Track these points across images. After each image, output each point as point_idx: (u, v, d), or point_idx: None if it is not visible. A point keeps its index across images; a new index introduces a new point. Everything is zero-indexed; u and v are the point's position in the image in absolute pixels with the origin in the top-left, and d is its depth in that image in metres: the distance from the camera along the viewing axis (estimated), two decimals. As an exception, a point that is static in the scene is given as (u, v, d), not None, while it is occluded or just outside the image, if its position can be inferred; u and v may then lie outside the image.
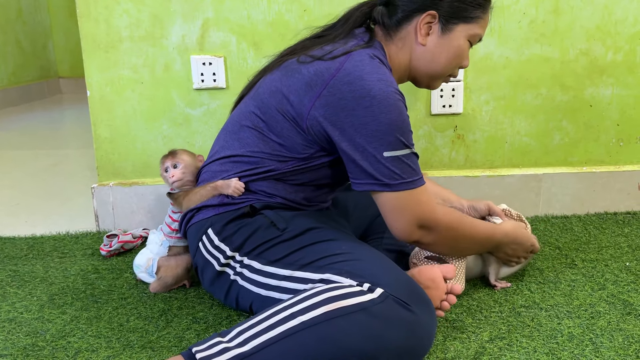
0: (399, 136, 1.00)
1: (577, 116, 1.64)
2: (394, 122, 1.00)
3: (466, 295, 1.23)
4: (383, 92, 0.99)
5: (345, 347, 0.86)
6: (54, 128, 3.33)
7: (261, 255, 1.05)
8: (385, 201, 1.03)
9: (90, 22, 1.52)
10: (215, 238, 1.10)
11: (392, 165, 1.01)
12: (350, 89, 1.00)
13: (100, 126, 1.59)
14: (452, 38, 1.09)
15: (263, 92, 1.11)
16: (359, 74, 1.00)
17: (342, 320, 0.86)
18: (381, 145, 1.00)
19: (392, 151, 1.00)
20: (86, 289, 1.28)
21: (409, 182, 1.02)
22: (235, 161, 1.12)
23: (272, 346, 0.86)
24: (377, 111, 0.99)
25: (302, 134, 1.07)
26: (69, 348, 1.05)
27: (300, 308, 0.88)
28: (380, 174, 1.01)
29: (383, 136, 1.00)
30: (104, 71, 1.55)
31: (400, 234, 1.06)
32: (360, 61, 1.02)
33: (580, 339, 1.05)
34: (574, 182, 1.67)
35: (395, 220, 1.05)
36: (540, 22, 1.57)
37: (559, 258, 1.41)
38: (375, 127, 0.99)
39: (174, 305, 1.20)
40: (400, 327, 0.89)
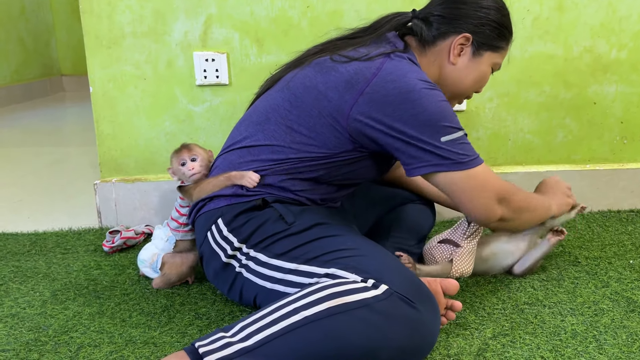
0: (448, 123, 1.04)
1: (580, 114, 1.64)
2: (444, 109, 1.04)
3: (469, 292, 1.22)
4: (427, 87, 1.04)
5: (348, 342, 0.85)
6: (57, 125, 3.33)
7: (267, 248, 1.05)
8: (459, 182, 1.06)
9: (93, 18, 1.52)
10: (224, 228, 1.09)
11: (453, 148, 1.04)
12: (395, 86, 1.03)
13: (103, 122, 1.59)
14: (480, 62, 1.16)
15: (295, 86, 1.11)
16: (401, 73, 1.05)
17: (345, 316, 0.86)
18: (437, 133, 1.03)
19: (448, 135, 1.04)
20: (89, 284, 1.28)
21: (475, 159, 1.06)
22: (257, 152, 1.11)
23: (275, 341, 0.85)
24: (426, 102, 1.03)
25: (338, 130, 1.07)
26: (71, 343, 1.05)
27: (304, 303, 0.88)
28: (447, 156, 1.04)
29: (436, 123, 1.03)
30: (107, 67, 1.55)
31: (482, 214, 1.09)
32: (400, 62, 1.07)
33: (583, 335, 1.05)
34: (578, 179, 1.66)
35: (474, 199, 1.08)
36: (544, 19, 1.56)
37: (563, 256, 1.40)
38: (427, 116, 1.03)
39: (177, 301, 1.20)
40: (403, 324, 0.88)
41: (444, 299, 1.05)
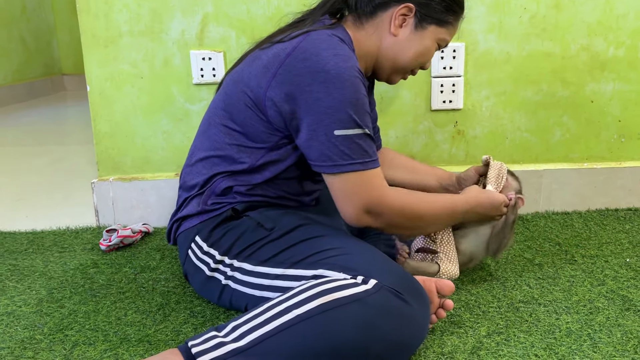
0: (351, 114, 0.99)
1: (578, 112, 1.64)
2: (347, 98, 0.98)
3: (464, 290, 1.22)
4: (339, 67, 0.98)
5: (341, 338, 0.85)
6: (58, 124, 3.34)
7: (251, 256, 1.05)
8: (334, 183, 1.02)
9: (90, 17, 1.52)
10: (203, 244, 1.10)
11: (342, 145, 0.99)
12: (305, 65, 0.99)
13: (100, 121, 1.59)
14: (423, 36, 1.11)
15: (228, 84, 1.12)
16: (315, 50, 0.99)
17: (337, 311, 0.86)
18: (333, 123, 0.98)
19: (344, 130, 0.99)
20: (85, 283, 1.29)
21: (358, 163, 1.00)
22: (209, 162, 1.12)
23: (268, 340, 0.85)
24: (332, 87, 0.97)
25: (263, 120, 1.06)
26: (66, 341, 1.05)
27: (296, 301, 0.88)
28: (331, 154, 1.00)
29: (335, 113, 0.98)
30: (104, 66, 1.55)
31: (349, 219, 1.04)
32: (317, 39, 1.01)
33: (578, 334, 1.05)
34: (575, 178, 1.66)
35: (343, 204, 1.03)
36: (541, 17, 1.56)
37: (559, 254, 1.40)
38: (328, 103, 0.98)
39: (172, 300, 1.20)
40: (394, 317, 0.89)
41: (437, 298, 1.05)
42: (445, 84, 1.59)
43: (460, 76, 1.59)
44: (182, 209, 1.15)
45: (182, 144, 1.60)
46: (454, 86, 1.59)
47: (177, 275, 1.32)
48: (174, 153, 1.61)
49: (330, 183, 1.03)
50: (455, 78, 1.59)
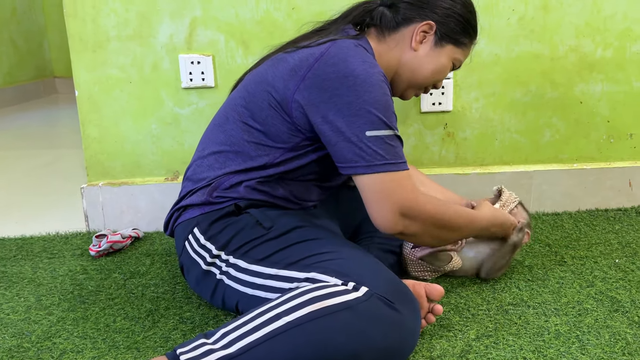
0: (381, 116, 1.00)
1: (567, 113, 1.64)
2: (377, 101, 1.00)
3: (454, 293, 1.23)
4: (367, 72, 1.01)
5: (331, 346, 0.85)
6: (49, 127, 3.32)
7: (247, 254, 1.04)
8: (367, 185, 1.02)
9: (78, 21, 1.51)
10: (201, 237, 1.10)
11: (374, 145, 1.00)
12: (334, 70, 1.01)
13: (89, 126, 1.58)
14: (441, 54, 1.15)
15: (249, 83, 1.13)
16: (343, 57, 1.02)
17: (327, 319, 0.86)
18: (364, 124, 1.00)
19: (375, 130, 1.00)
20: (74, 289, 1.28)
21: (392, 164, 1.01)
22: (223, 157, 1.12)
23: (257, 347, 0.85)
24: (361, 90, 1.00)
25: (287, 121, 1.07)
26: (54, 349, 1.05)
27: (286, 308, 0.88)
28: (364, 154, 1.00)
29: (365, 114, 1.00)
30: (92, 71, 1.54)
31: (383, 223, 1.03)
32: (345, 47, 1.04)
33: (567, 336, 1.05)
34: (565, 179, 1.67)
35: (377, 207, 1.02)
36: (529, 19, 1.56)
37: (549, 255, 1.41)
38: (358, 105, 1.00)
39: (161, 306, 1.20)
40: (384, 325, 0.89)
41: (426, 303, 1.05)
42: (435, 86, 1.59)
43: (449, 78, 1.59)
44: (185, 198, 1.15)
45: (172, 148, 1.60)
46: (443, 88, 1.59)
47: (167, 281, 1.32)
48: (163, 157, 1.61)
49: (363, 185, 1.03)
50: (445, 80, 1.59)
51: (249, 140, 1.10)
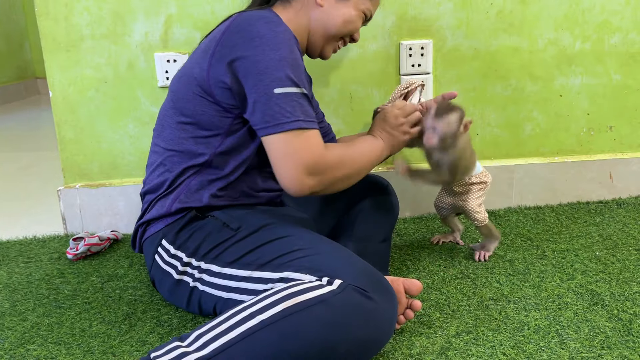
0: (289, 73, 1.00)
1: (547, 106, 1.64)
2: (284, 58, 1.00)
3: (435, 289, 1.22)
4: (272, 30, 1.02)
5: (307, 340, 0.84)
6: (31, 129, 3.27)
7: (218, 257, 1.03)
8: (275, 144, 1.01)
9: (50, 20, 1.48)
10: (170, 247, 1.08)
11: (283, 103, 1.00)
12: (240, 36, 1.02)
13: (65, 127, 1.56)
14: (347, 4, 1.17)
15: (172, 84, 1.15)
16: (247, 22, 1.04)
17: (301, 314, 0.85)
18: (272, 82, 1.00)
19: (283, 88, 1.00)
20: (50, 294, 1.26)
21: (301, 120, 1.00)
22: (169, 161, 1.12)
23: (232, 347, 0.84)
24: (267, 49, 1.00)
25: (212, 102, 1.07)
26: (27, 356, 1.02)
27: (259, 307, 0.87)
28: (273, 112, 1.00)
29: (273, 72, 1.00)
30: (66, 71, 1.51)
31: (289, 183, 1.01)
32: (248, 15, 1.06)
33: (546, 331, 1.05)
34: (546, 172, 1.66)
35: (285, 166, 1.01)
36: (508, 12, 1.56)
37: (530, 249, 1.40)
38: (266, 64, 1.00)
39: (139, 309, 1.18)
40: (359, 315, 0.88)
41: (405, 299, 1.04)
42: (415, 82, 1.57)
43: (429, 73, 1.58)
44: (147, 212, 1.13)
45: (149, 148, 1.57)
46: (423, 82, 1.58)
47: (145, 283, 1.30)
48: (141, 157, 1.58)
49: (271, 146, 1.02)
50: (424, 75, 1.58)
51: (187, 137, 1.10)
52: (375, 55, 1.56)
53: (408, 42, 1.55)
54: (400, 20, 1.54)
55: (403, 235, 1.54)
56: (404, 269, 1.33)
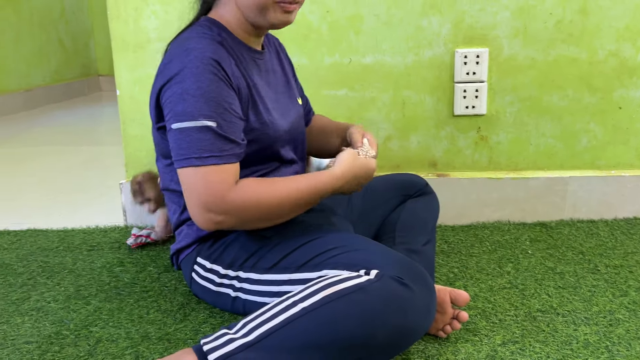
0: (187, 106, 0.98)
1: (605, 118, 1.61)
2: (185, 90, 0.98)
3: (482, 297, 1.22)
4: (182, 63, 1.00)
5: (345, 327, 0.87)
6: (93, 125, 3.44)
7: (256, 265, 1.07)
8: (181, 179, 1.01)
9: (120, 23, 1.57)
10: (206, 263, 1.13)
11: (178, 139, 0.99)
12: (159, 72, 1.06)
13: (129, 124, 1.64)
14: None
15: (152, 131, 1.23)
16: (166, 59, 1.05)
17: (340, 302, 0.88)
18: (172, 117, 1.00)
19: (179, 123, 0.99)
20: (110, 281, 1.33)
21: (195, 158, 0.98)
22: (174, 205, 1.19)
23: (275, 333, 0.88)
24: (173, 83, 1.00)
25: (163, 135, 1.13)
26: (90, 337, 1.09)
27: (302, 296, 0.91)
28: (174, 148, 1.00)
29: (172, 107, 1.00)
30: (133, 70, 1.60)
31: (195, 219, 1.00)
32: (171, 47, 1.08)
33: (596, 346, 1.03)
34: (602, 185, 1.63)
35: (188, 202, 1.01)
36: (567, 22, 1.54)
37: (582, 263, 1.38)
38: (168, 98, 1.01)
39: (193, 300, 1.23)
40: (397, 302, 0.90)
41: (451, 309, 1.05)
42: (468, 90, 1.58)
43: (483, 82, 1.58)
44: (178, 240, 1.19)
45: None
46: (477, 92, 1.58)
47: (199, 276, 1.36)
48: (199, 156, 1.65)
49: (179, 179, 1.03)
50: (479, 83, 1.58)
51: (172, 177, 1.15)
52: (430, 62, 1.57)
53: (463, 50, 1.56)
54: (456, 28, 1.55)
55: (451, 243, 1.54)
56: (451, 276, 1.34)
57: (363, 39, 1.56)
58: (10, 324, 1.15)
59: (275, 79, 1.20)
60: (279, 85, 1.21)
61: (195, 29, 1.08)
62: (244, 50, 1.11)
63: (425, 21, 1.55)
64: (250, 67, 1.11)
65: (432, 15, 1.55)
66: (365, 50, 1.57)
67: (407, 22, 1.55)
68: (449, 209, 1.62)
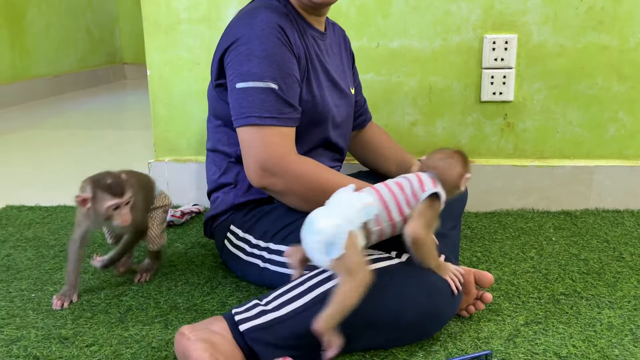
0: (252, 67, 1.01)
1: (635, 108, 1.59)
2: (251, 52, 1.02)
3: (505, 280, 1.23)
4: (251, 28, 1.03)
5: (374, 306, 0.89)
6: (118, 110, 3.49)
7: (287, 238, 1.09)
8: (239, 136, 1.04)
9: (152, 4, 1.60)
10: (239, 231, 1.16)
11: (241, 98, 1.02)
12: (225, 34, 1.10)
13: (159, 105, 1.67)
14: None
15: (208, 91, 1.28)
16: (232, 23, 1.10)
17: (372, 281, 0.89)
18: (236, 77, 1.03)
19: (243, 82, 1.02)
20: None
21: (255, 117, 1.01)
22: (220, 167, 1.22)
23: (305, 312, 0.89)
24: (240, 45, 1.03)
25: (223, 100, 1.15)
26: (121, 305, 1.13)
27: (331, 274, 0.92)
28: (235, 107, 1.03)
29: (239, 67, 1.02)
30: (164, 52, 1.63)
31: (249, 175, 1.04)
32: (239, 13, 1.11)
33: (619, 328, 1.04)
34: (629, 175, 1.62)
35: (245, 159, 1.04)
36: (599, 9, 1.53)
37: (606, 251, 1.38)
38: (234, 58, 1.04)
39: (219, 274, 1.26)
40: (425, 287, 0.92)
41: (475, 290, 1.06)
42: (496, 76, 1.58)
43: (511, 68, 1.57)
44: (213, 207, 1.22)
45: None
46: (504, 78, 1.58)
47: (225, 252, 1.38)
48: (226, 137, 1.67)
49: (238, 136, 1.06)
50: (507, 70, 1.57)
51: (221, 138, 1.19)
52: (458, 47, 1.58)
53: (492, 36, 1.55)
54: (486, 14, 1.55)
55: (474, 229, 1.54)
56: (474, 259, 1.34)
57: (391, 23, 1.57)
58: (44, 292, 1.19)
59: (333, 62, 1.23)
60: (336, 69, 1.23)
61: (252, 6, 1.12)
62: (306, 26, 1.15)
63: (455, 6, 1.55)
64: (310, 42, 1.14)
65: (462, 1, 1.55)
66: (393, 35, 1.57)
67: (435, 6, 1.55)
68: (473, 196, 1.61)
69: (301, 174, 1.03)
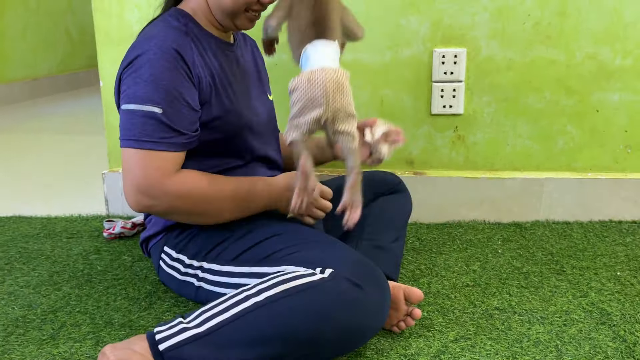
0: (138, 90, 1.02)
1: (582, 121, 1.61)
2: (140, 75, 1.03)
3: (442, 294, 1.24)
4: (143, 50, 1.04)
5: (294, 324, 0.89)
6: (95, 114, 3.48)
7: (219, 256, 1.10)
8: (122, 159, 1.05)
9: (104, 16, 1.60)
10: (172, 252, 1.16)
11: (125, 119, 1.04)
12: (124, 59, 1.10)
13: (112, 115, 1.67)
14: None
15: None
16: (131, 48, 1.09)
17: (292, 299, 0.90)
18: (123, 98, 1.05)
19: (127, 104, 1.03)
20: (84, 268, 1.37)
21: (135, 140, 1.02)
22: None
23: (225, 327, 0.90)
24: (131, 66, 1.04)
25: None
26: (55, 322, 1.13)
27: (255, 291, 0.93)
28: (120, 128, 1.05)
29: (125, 88, 1.04)
30: (116, 63, 1.61)
31: (127, 199, 1.04)
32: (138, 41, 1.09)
33: (545, 345, 1.05)
34: (578, 187, 1.64)
35: (123, 181, 1.05)
36: (545, 24, 1.54)
37: (549, 264, 1.39)
38: (124, 79, 1.06)
39: (161, 289, 1.27)
40: (347, 303, 0.92)
41: (404, 306, 1.07)
42: (446, 89, 1.59)
43: (461, 81, 1.59)
44: (147, 228, 1.23)
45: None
46: (454, 91, 1.59)
47: (170, 266, 1.39)
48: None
49: None
50: (456, 83, 1.59)
51: None
52: (408, 61, 1.59)
53: (441, 49, 1.57)
54: (435, 27, 1.56)
55: (423, 241, 1.56)
56: (417, 272, 1.36)
57: (342, 37, 1.58)
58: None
59: (245, 71, 1.22)
60: (250, 78, 1.23)
61: (162, 19, 1.13)
62: (212, 41, 1.14)
63: (404, 20, 1.57)
64: (216, 57, 1.14)
65: (411, 14, 1.56)
66: (344, 48, 1.58)
67: (385, 20, 1.57)
68: (425, 208, 1.64)
69: (182, 193, 1.04)
